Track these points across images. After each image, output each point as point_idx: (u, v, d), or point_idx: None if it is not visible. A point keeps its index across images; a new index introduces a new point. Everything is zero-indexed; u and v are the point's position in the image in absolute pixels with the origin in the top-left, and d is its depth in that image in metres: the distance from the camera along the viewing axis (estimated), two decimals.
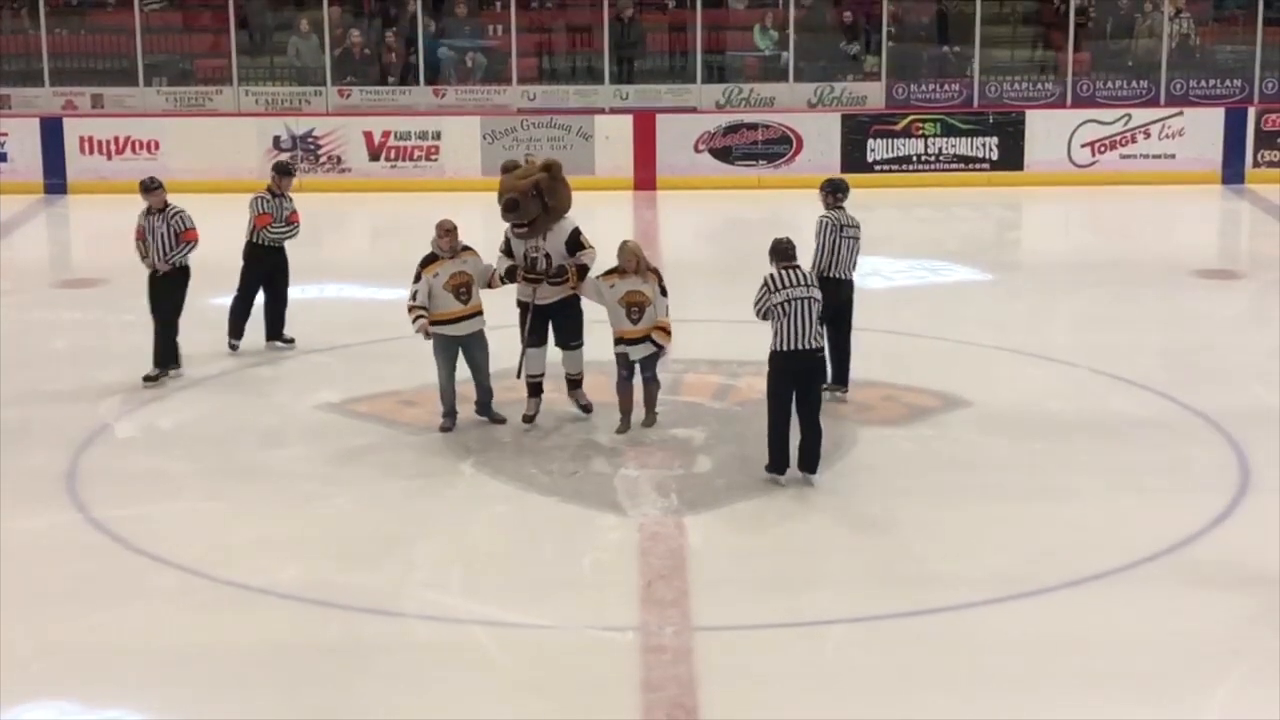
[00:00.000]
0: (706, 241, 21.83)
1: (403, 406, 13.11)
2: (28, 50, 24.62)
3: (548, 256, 12.21)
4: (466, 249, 12.41)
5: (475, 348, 12.47)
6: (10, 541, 10.61)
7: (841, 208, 13.20)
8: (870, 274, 18.64)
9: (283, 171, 14.89)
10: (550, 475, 11.59)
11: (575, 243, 12.32)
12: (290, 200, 14.78)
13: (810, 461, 11.41)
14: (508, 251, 12.39)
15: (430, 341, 12.38)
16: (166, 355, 13.91)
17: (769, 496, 11.29)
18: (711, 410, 12.89)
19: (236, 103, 24.24)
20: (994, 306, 17.13)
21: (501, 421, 12.56)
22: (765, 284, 11.55)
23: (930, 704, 8.38)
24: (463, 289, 12.29)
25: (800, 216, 22.91)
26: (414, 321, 12.34)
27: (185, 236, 13.94)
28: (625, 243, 12.42)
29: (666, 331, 12.22)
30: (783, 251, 11.76)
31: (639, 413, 12.42)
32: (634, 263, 12.18)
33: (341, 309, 16.42)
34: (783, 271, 11.57)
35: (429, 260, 12.38)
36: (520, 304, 12.45)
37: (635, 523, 10.80)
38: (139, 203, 14.19)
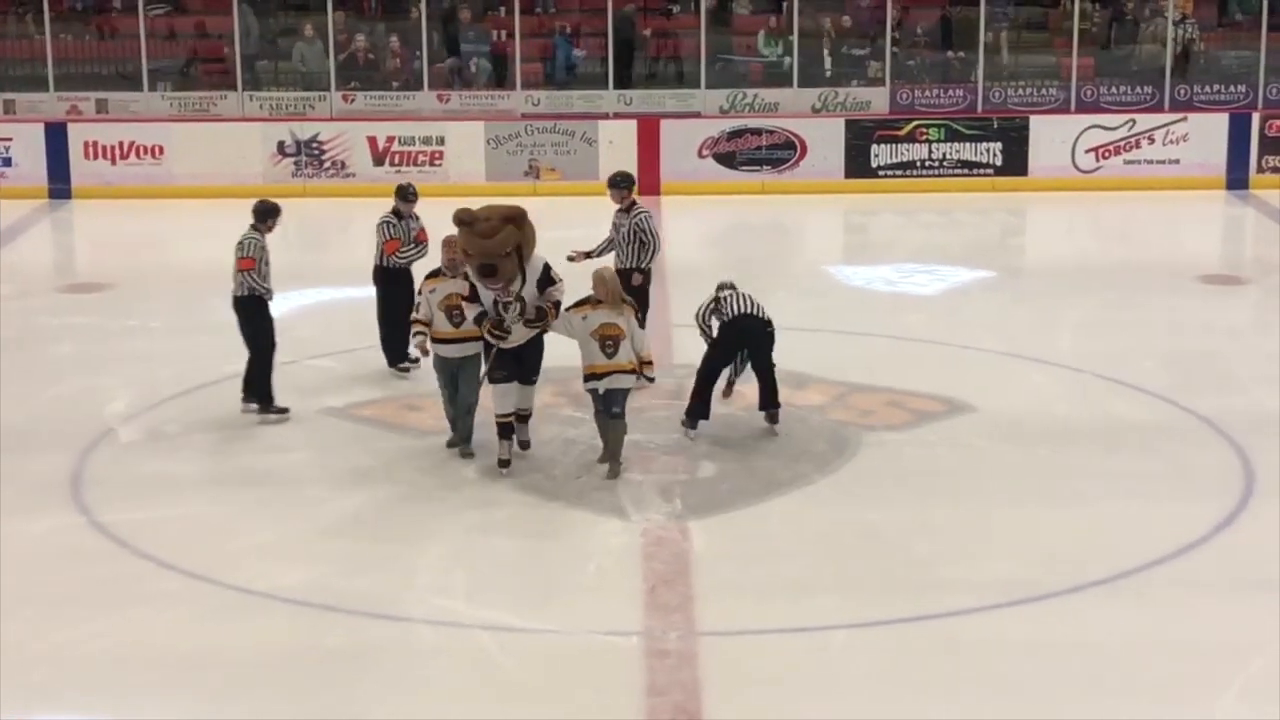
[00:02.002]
0: (710, 247, 21.84)
1: (407, 411, 13.11)
2: (32, 55, 24.66)
3: (521, 300, 11.40)
4: None
5: (465, 373, 12.00)
6: (14, 545, 10.62)
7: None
8: (874, 279, 18.70)
9: (405, 196, 14.04)
10: (554, 480, 11.58)
11: (546, 279, 11.52)
12: (417, 219, 14.06)
13: (772, 401, 12.47)
14: (474, 297, 11.56)
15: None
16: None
17: (773, 501, 11.29)
18: (715, 416, 12.85)
19: (241, 108, 24.27)
20: (998, 312, 17.12)
21: (470, 456, 11.97)
22: (715, 300, 12.69)
23: (934, 709, 8.37)
24: (455, 310, 11.80)
25: (805, 221, 23.07)
26: (413, 336, 12.19)
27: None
28: (601, 272, 11.83)
29: (651, 364, 11.69)
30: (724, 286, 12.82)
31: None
32: (604, 291, 11.52)
33: (345, 314, 16.40)
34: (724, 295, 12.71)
35: (432, 274, 12.22)
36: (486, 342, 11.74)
37: (639, 528, 10.79)
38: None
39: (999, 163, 24.00)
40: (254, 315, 13.11)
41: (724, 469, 11.86)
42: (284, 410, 13.09)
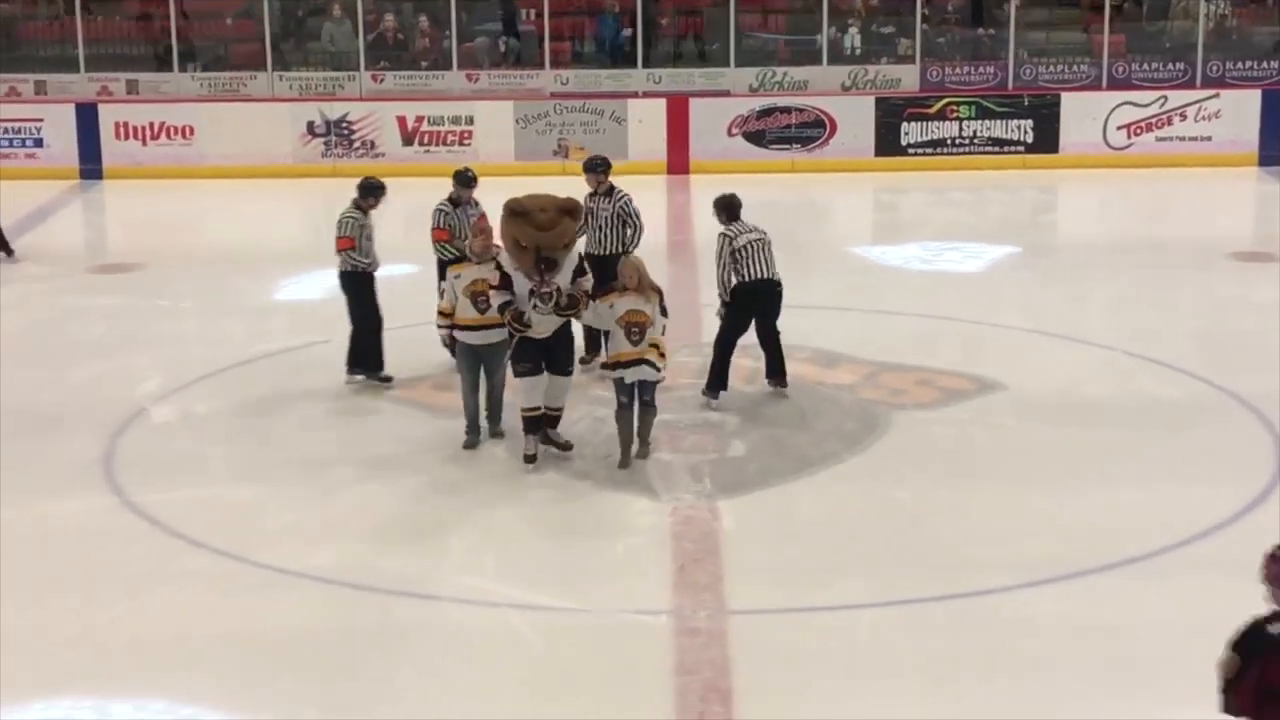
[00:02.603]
0: None
1: (436, 391, 13.13)
2: (63, 36, 24.73)
3: (558, 289, 11.21)
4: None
5: (493, 360, 11.82)
6: (47, 526, 10.69)
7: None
8: (905, 258, 18.66)
9: (464, 181, 13.44)
10: (584, 460, 11.59)
11: (580, 269, 11.43)
12: (476, 205, 13.43)
13: (779, 372, 12.77)
14: (504, 285, 11.30)
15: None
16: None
17: (802, 480, 11.29)
18: (745, 394, 12.86)
19: (271, 88, 24.30)
20: (1029, 290, 17.07)
21: (500, 436, 11.94)
22: (722, 236, 12.59)
23: (963, 688, 8.37)
24: (482, 297, 11.54)
25: (835, 200, 23.02)
26: (438, 328, 12.02)
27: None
28: (629, 259, 11.68)
29: (661, 353, 11.33)
30: (730, 206, 12.89)
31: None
32: (635, 279, 11.30)
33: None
34: (732, 223, 12.72)
35: (455, 260, 12.12)
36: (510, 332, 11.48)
37: (668, 507, 10.80)
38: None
39: (1030, 140, 23.90)
40: (357, 291, 13.17)
41: (753, 448, 11.86)
42: (388, 379, 13.20)
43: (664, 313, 11.39)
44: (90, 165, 23.79)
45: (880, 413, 12.55)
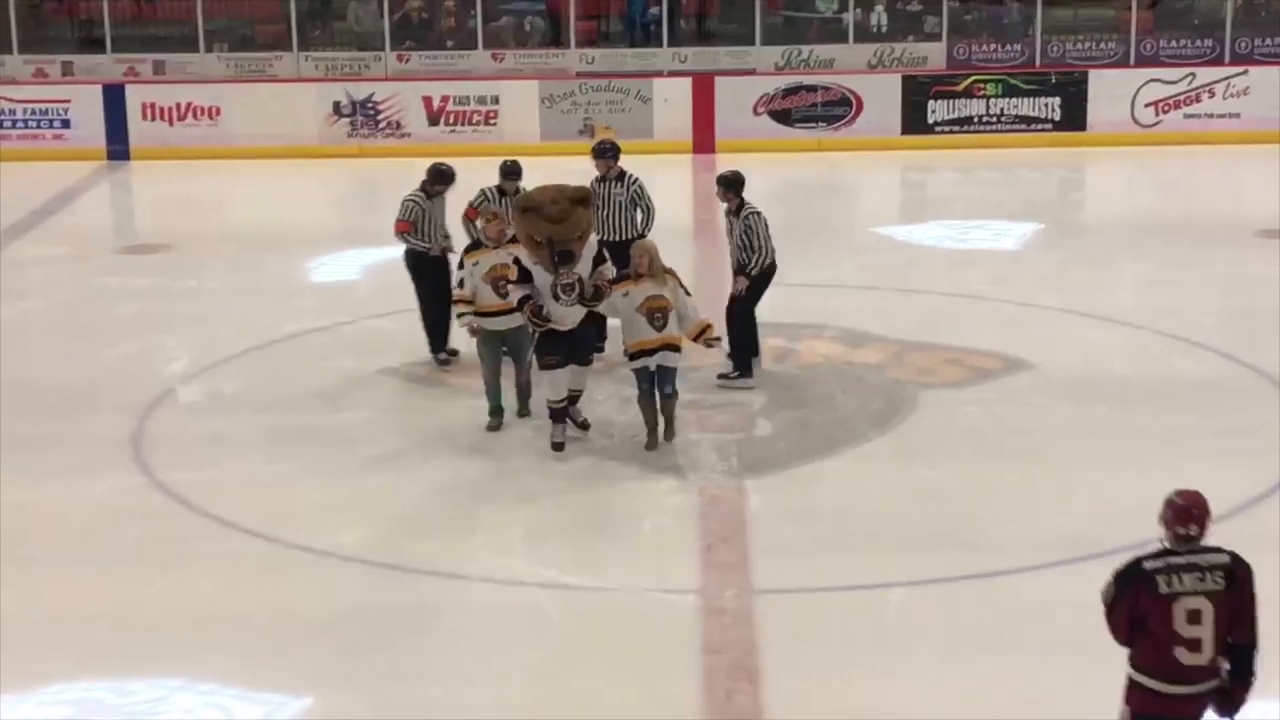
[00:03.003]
0: (766, 204, 21.57)
1: (465, 372, 13.12)
2: (90, 18, 24.78)
3: (580, 281, 11.06)
4: (514, 240, 11.53)
5: (516, 341, 11.79)
6: (76, 505, 10.74)
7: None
8: (932, 236, 18.62)
9: (509, 174, 13.10)
10: (611, 439, 11.60)
11: (599, 257, 11.25)
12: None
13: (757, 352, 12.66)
14: (524, 278, 11.16)
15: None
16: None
17: (829, 460, 11.28)
18: (771, 374, 12.85)
19: (297, 68, 24.32)
20: (1056, 268, 17.02)
21: (527, 414, 11.90)
22: (757, 213, 12.55)
23: (991, 666, 8.36)
24: (503, 283, 11.43)
25: (861, 178, 22.97)
26: (459, 317, 11.91)
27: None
28: (643, 244, 11.55)
29: (713, 326, 11.45)
30: (742, 183, 12.70)
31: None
32: (646, 263, 11.14)
33: (401, 273, 16.44)
34: (747, 200, 12.59)
35: (471, 247, 11.97)
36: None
37: (696, 486, 10.81)
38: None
39: (1057, 118, 23.81)
40: (416, 272, 13.21)
41: (780, 427, 11.85)
42: (451, 354, 13.19)
43: (687, 291, 11.33)
44: (117, 146, 23.83)
45: (907, 392, 12.53)
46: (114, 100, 23.90)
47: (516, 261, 11.22)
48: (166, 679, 8.36)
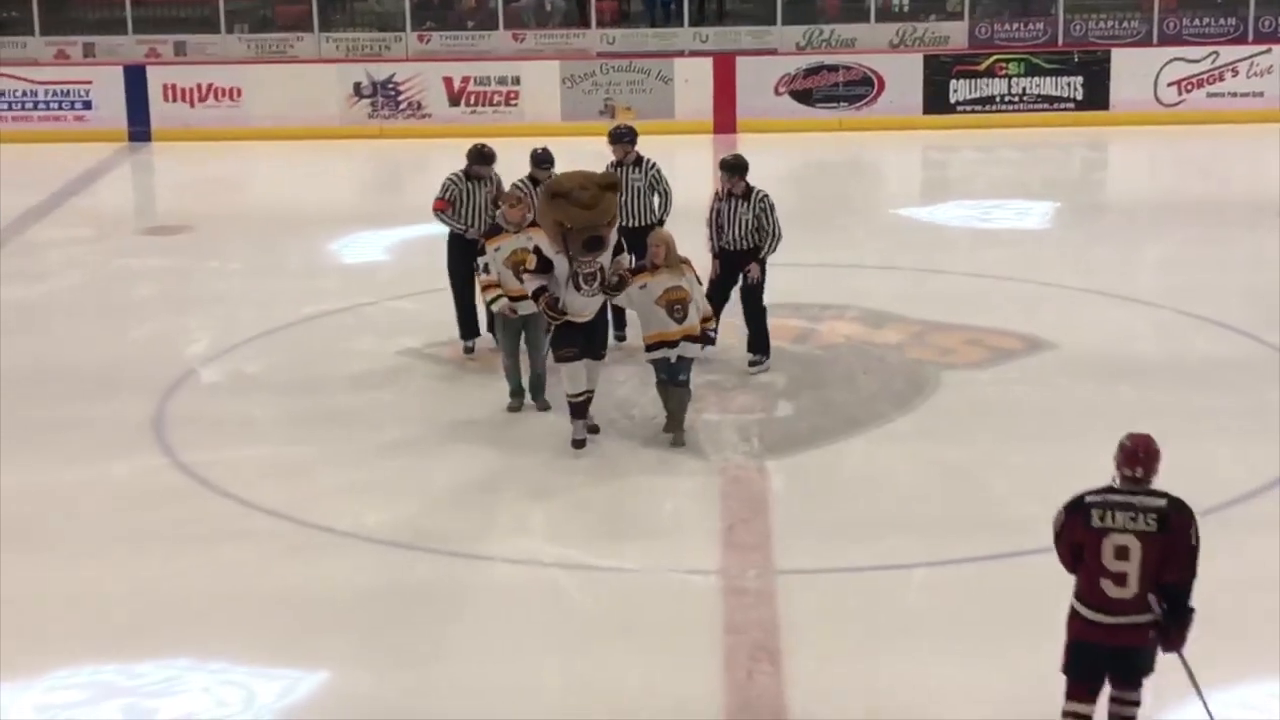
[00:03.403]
0: (787, 185, 21.61)
1: (486, 352, 13.12)
2: None
3: (602, 269, 10.86)
4: (535, 225, 11.32)
5: (534, 328, 11.57)
6: (99, 486, 10.76)
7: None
8: (953, 216, 18.57)
9: (540, 163, 12.71)
10: (632, 420, 11.59)
11: (619, 247, 11.02)
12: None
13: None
14: (543, 267, 10.90)
15: (496, 310, 11.70)
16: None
17: (851, 440, 11.27)
18: (793, 354, 12.84)
19: (318, 49, 24.33)
20: (1078, 248, 16.98)
21: (547, 408, 11.75)
22: (767, 197, 12.34)
23: (1013, 648, 8.34)
24: (522, 266, 11.21)
25: (882, 159, 22.92)
26: (491, 302, 11.62)
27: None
28: (659, 233, 11.32)
29: (711, 319, 11.32)
30: (746, 167, 12.54)
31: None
32: (663, 253, 10.92)
33: (423, 255, 16.46)
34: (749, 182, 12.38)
35: (492, 231, 11.75)
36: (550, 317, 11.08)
37: (717, 467, 10.80)
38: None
39: (1079, 97, 23.73)
40: (449, 252, 12.96)
41: (801, 408, 11.84)
42: (468, 347, 13.00)
43: (699, 281, 11.21)
44: (139, 127, 23.86)
45: (929, 372, 12.51)
46: (135, 81, 23.92)
47: (537, 251, 10.99)
48: (187, 659, 8.36)
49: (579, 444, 11.10)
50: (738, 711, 7.83)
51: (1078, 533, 6.95)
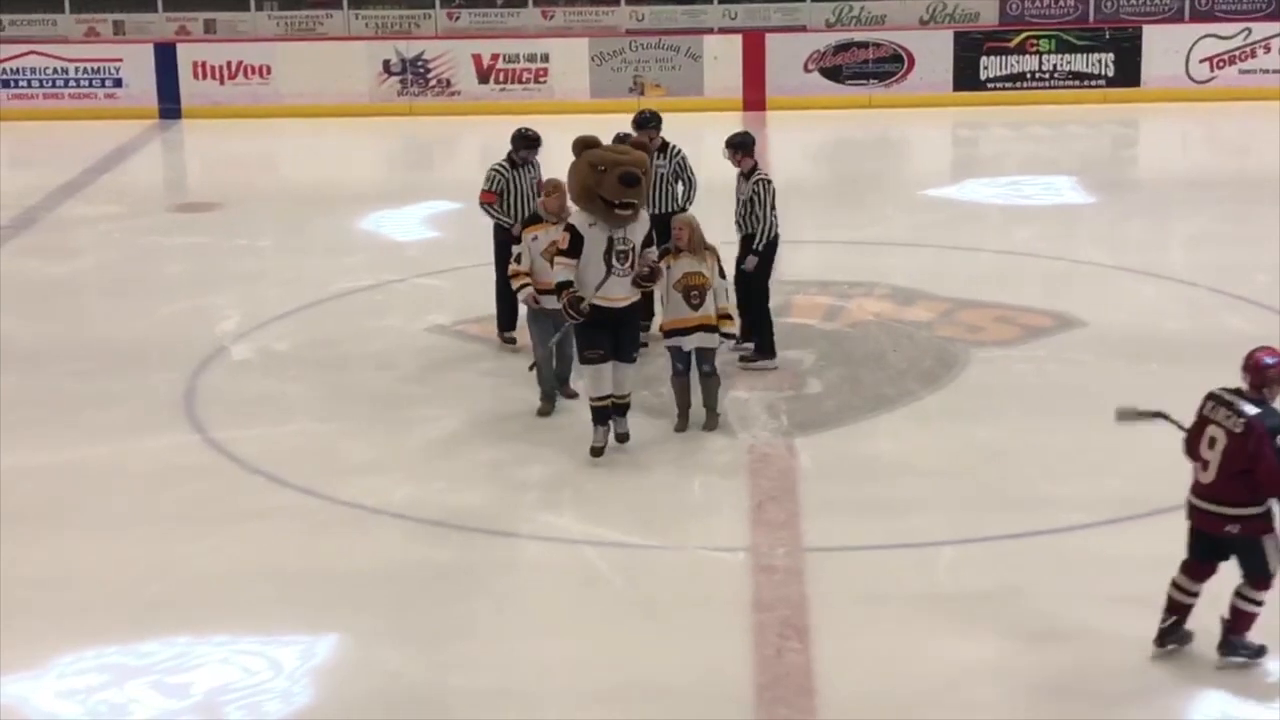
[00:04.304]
0: (816, 162, 21.70)
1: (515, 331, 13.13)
2: None
3: (634, 250, 10.30)
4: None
5: (566, 330, 10.88)
6: (130, 463, 10.81)
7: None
8: (983, 193, 18.52)
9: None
10: (660, 397, 11.58)
11: (649, 238, 10.45)
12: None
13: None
14: (572, 251, 10.28)
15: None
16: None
17: (880, 418, 11.25)
18: (821, 332, 12.83)
19: (347, 26, 24.34)
20: (1109, 225, 16.92)
21: (574, 396, 11.42)
22: (768, 181, 11.99)
23: (1042, 626, 8.32)
24: (552, 248, 10.69)
25: (911, 136, 22.86)
26: (519, 290, 11.27)
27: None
28: (684, 217, 11.07)
29: (733, 319, 11.00)
30: (752, 145, 12.19)
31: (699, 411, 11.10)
32: (687, 237, 10.71)
33: (452, 232, 16.49)
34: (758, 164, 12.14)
35: (531, 220, 11.42)
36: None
37: (745, 444, 10.80)
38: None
39: (1110, 74, 23.63)
40: (495, 242, 12.55)
41: (830, 386, 11.82)
42: (507, 340, 12.65)
43: (722, 274, 10.91)
44: (169, 105, 23.93)
45: (958, 350, 12.48)
46: (165, 59, 23.98)
47: (569, 228, 10.40)
48: (216, 635, 8.40)
49: (597, 452, 10.58)
50: (766, 687, 7.84)
51: (1196, 416, 7.89)
